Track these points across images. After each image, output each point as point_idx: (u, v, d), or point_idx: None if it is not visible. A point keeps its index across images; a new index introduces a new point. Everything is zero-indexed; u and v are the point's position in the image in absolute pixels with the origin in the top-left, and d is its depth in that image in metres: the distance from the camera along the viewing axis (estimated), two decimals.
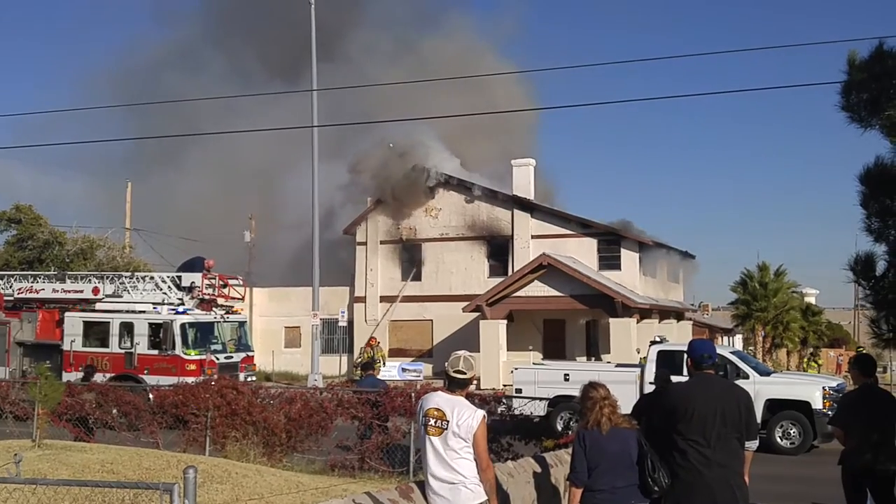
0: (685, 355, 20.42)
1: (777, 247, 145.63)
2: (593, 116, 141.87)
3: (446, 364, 6.57)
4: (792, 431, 20.21)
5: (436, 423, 6.32)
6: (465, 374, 6.43)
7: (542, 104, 54.64)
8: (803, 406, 20.23)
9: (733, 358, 21.39)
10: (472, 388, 6.60)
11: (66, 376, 22.79)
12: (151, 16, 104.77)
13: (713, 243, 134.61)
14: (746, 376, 20.28)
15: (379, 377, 17.88)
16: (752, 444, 7.10)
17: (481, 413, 6.35)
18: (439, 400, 6.41)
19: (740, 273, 49.37)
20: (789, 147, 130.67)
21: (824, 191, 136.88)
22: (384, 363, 35.80)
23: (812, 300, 60.58)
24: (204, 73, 60.55)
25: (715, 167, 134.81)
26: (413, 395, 14.29)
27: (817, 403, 20.16)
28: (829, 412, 19.38)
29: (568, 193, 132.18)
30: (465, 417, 6.26)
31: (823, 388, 20.67)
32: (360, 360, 36.77)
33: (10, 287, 27.51)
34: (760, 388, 19.82)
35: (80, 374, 21.63)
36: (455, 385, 6.46)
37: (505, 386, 32.18)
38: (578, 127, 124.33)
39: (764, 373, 21.88)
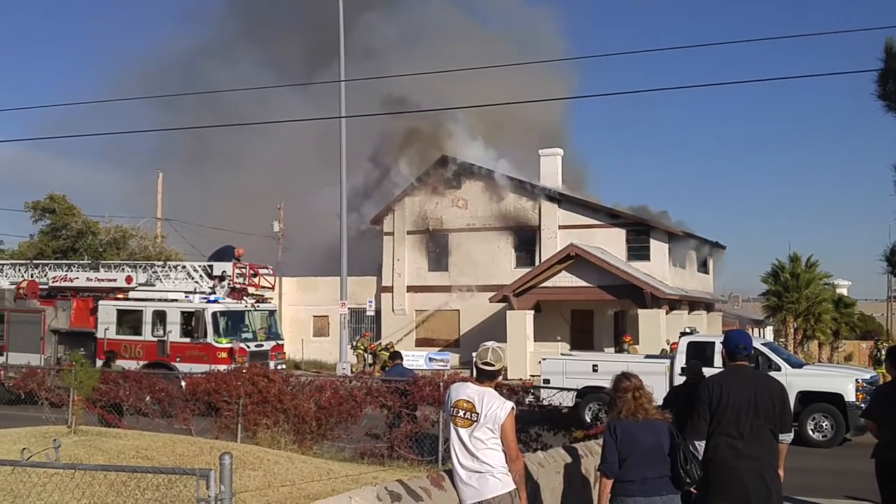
0: (715, 346, 20.35)
1: (809, 237, 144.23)
2: (625, 105, 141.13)
3: (475, 355, 6.58)
4: (824, 424, 20.06)
5: (465, 414, 6.31)
6: (493, 365, 6.41)
7: (577, 91, 54.43)
8: (836, 398, 20.08)
9: (765, 349, 21.25)
10: (500, 378, 6.58)
11: (99, 363, 23.02)
12: (180, 15, 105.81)
13: (744, 233, 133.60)
14: (778, 368, 20.17)
15: (405, 366, 17.83)
16: (787, 437, 7.04)
17: (510, 404, 6.33)
18: (469, 391, 6.39)
19: (771, 264, 48.99)
20: (821, 136, 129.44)
21: (858, 180, 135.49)
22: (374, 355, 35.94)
23: (844, 291, 60.03)
24: (234, 68, 61.00)
25: (746, 156, 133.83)
26: (441, 384, 14.33)
27: (850, 396, 19.99)
28: (862, 405, 19.23)
29: (600, 181, 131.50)
30: (494, 408, 6.24)
31: (856, 380, 20.51)
32: (357, 345, 37.07)
33: (45, 276, 27.80)
34: (792, 381, 19.66)
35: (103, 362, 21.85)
36: (484, 376, 6.45)
37: (532, 376, 32.19)
38: (612, 114, 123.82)
39: (796, 365, 21.71)
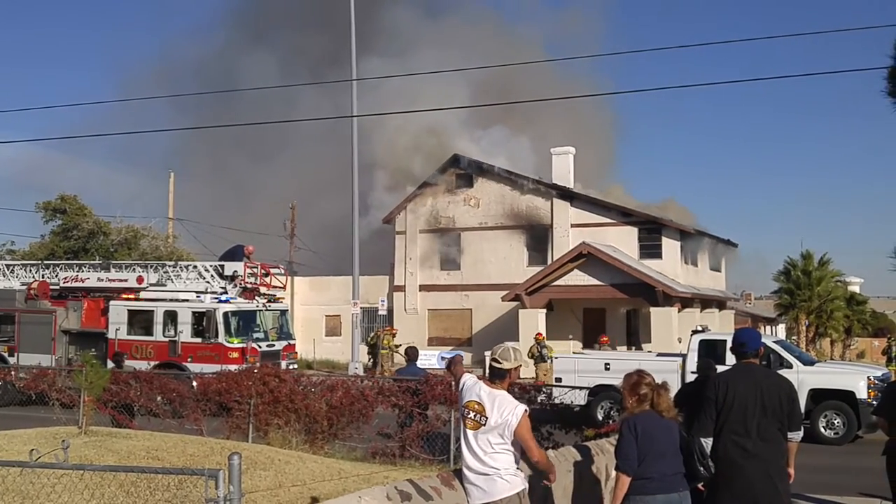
0: (726, 344, 20.27)
1: (821, 235, 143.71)
2: (638, 101, 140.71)
3: (488, 354, 6.55)
4: (836, 421, 20.05)
5: (474, 416, 6.24)
6: (500, 363, 6.32)
7: (595, 88, 54.31)
8: (848, 396, 20.06)
9: (777, 347, 21.24)
10: (513, 378, 6.48)
11: (110, 364, 23.05)
12: (192, 28, 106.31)
13: (756, 231, 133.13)
14: (790, 366, 20.16)
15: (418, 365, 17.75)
16: (796, 436, 7.00)
17: (522, 408, 6.23)
18: (481, 392, 6.28)
19: (784, 262, 48.98)
20: (833, 134, 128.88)
21: (869, 178, 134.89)
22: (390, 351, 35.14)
23: (856, 289, 59.97)
24: (247, 70, 61.05)
25: (758, 154, 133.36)
26: (453, 383, 14.28)
27: (861, 393, 20.00)
28: (874, 402, 19.20)
29: (612, 177, 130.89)
30: (506, 414, 6.15)
31: (868, 377, 20.49)
32: (371, 341, 36.48)
33: (56, 276, 27.77)
34: (804, 378, 19.67)
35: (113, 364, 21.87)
36: (495, 375, 6.36)
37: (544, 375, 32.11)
38: (624, 110, 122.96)
39: (808, 362, 21.71)
